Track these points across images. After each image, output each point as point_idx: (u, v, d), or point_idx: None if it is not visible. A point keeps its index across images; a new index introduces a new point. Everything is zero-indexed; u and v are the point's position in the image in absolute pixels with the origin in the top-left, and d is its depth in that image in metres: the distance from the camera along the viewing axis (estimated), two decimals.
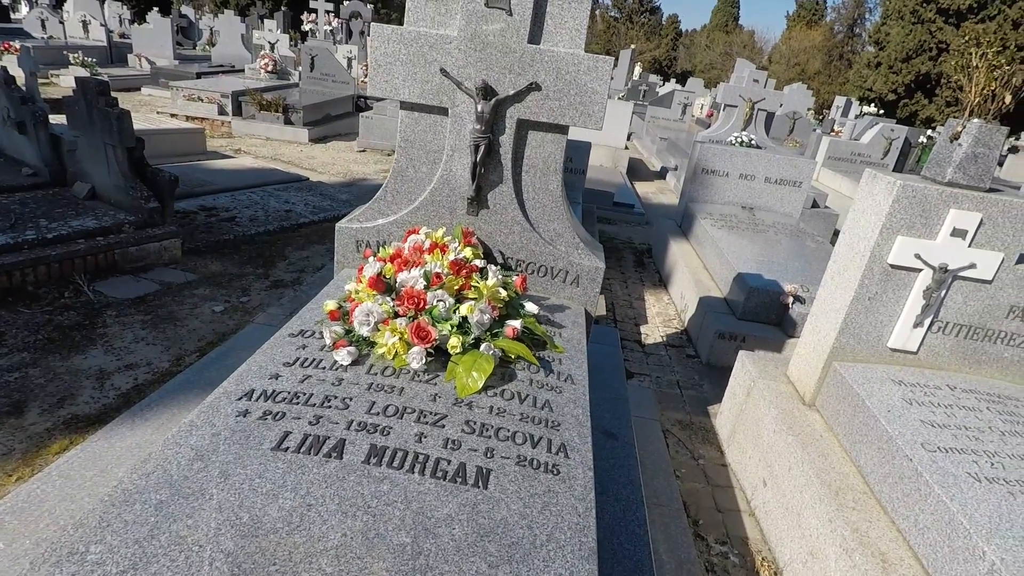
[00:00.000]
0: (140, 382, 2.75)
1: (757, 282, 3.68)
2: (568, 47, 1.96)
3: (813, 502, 2.00)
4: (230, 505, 1.15)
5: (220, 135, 8.56)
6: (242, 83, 10.13)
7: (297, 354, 1.70)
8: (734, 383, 2.84)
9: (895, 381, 2.24)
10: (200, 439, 1.33)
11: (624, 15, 47.89)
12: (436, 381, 1.63)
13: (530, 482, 1.32)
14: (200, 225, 4.75)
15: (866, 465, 2.05)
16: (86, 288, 3.47)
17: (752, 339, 3.50)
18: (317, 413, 1.44)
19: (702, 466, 2.68)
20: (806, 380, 2.50)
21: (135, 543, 1.06)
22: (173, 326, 3.27)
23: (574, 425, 1.56)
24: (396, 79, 2.02)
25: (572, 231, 2.23)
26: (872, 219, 2.21)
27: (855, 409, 2.16)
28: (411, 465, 1.31)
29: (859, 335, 2.33)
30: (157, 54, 13.67)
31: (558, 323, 2.09)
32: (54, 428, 2.40)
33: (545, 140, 2.10)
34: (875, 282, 2.24)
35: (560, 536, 1.20)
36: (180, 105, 9.13)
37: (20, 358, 2.81)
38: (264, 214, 5.22)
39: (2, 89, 4.51)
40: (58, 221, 3.75)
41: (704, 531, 2.28)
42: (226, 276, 3.98)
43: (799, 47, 37.51)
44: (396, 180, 2.22)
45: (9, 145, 4.78)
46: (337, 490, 1.21)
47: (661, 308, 4.50)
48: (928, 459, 1.82)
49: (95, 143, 4.05)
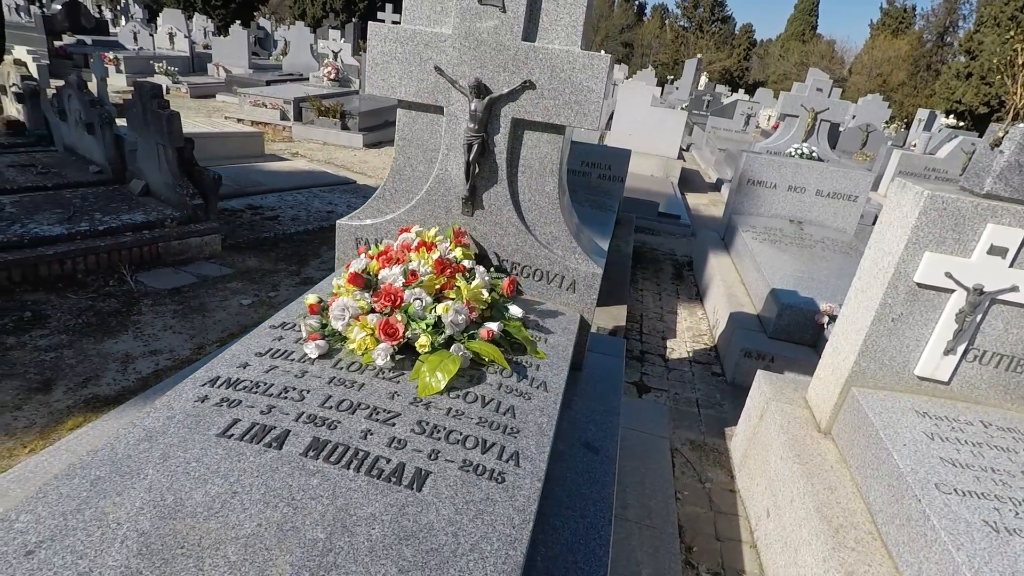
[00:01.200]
0: (160, 367, 2.88)
1: (791, 299, 3.47)
2: (564, 44, 1.91)
3: (810, 538, 1.84)
4: (159, 486, 1.16)
5: (281, 139, 8.95)
6: (305, 90, 10.58)
7: (272, 345, 1.71)
8: (750, 404, 2.68)
9: (919, 413, 2.04)
10: (155, 421, 1.36)
11: (694, 24, 46.97)
12: (400, 379, 1.61)
13: (469, 488, 1.27)
14: (244, 222, 4.96)
15: (875, 503, 1.87)
16: (129, 278, 3.67)
17: (781, 359, 3.29)
18: (271, 403, 1.44)
19: (708, 490, 2.53)
20: (823, 405, 2.32)
21: (60, 515, 1.09)
22: (201, 317, 3.41)
23: (534, 433, 1.49)
24: (393, 78, 2.03)
25: (569, 235, 2.17)
26: (898, 232, 2.03)
27: (869, 440, 1.98)
28: (348, 461, 1.28)
29: (881, 359, 2.14)
30: (234, 63, 14.50)
31: (547, 329, 2.02)
32: (74, 406, 2.53)
33: (541, 140, 2.06)
34: (900, 302, 2.06)
35: (486, 546, 1.14)
36: (246, 110, 9.62)
37: (59, 339, 3.00)
38: (306, 214, 5.39)
39: (76, 93, 4.88)
40: (111, 215, 4.00)
41: (696, 559, 2.15)
42: (260, 272, 4.13)
43: (882, 57, 35.58)
44: (394, 179, 2.23)
45: (80, 145, 5.16)
46: (266, 480, 1.20)
47: (693, 323, 4.33)
48: (940, 501, 1.64)
49: (149, 143, 4.30)
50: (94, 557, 1.01)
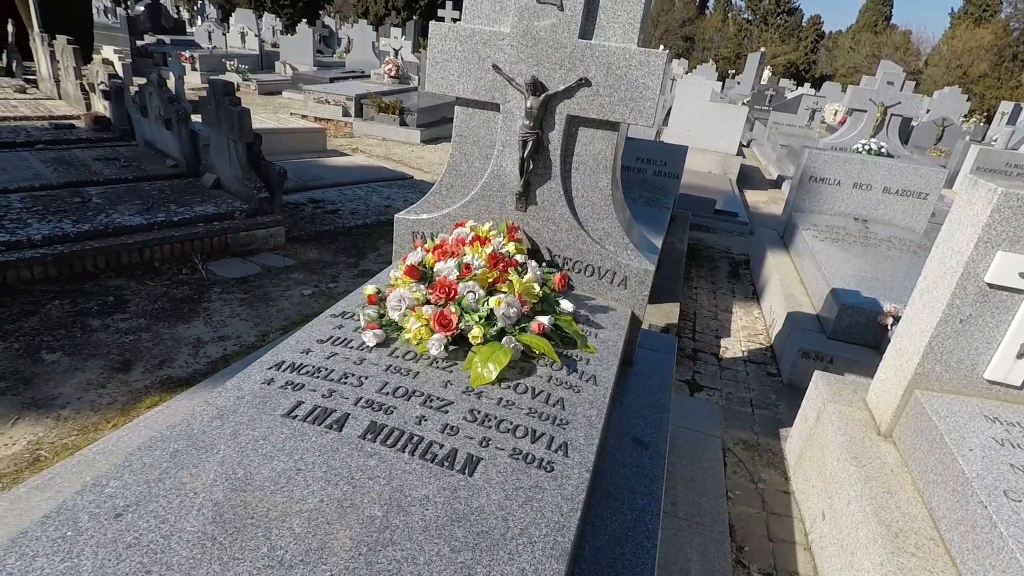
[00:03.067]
0: (228, 352, 3.05)
1: (853, 299, 3.34)
2: (621, 41, 1.91)
3: (867, 541, 1.79)
4: (231, 461, 1.25)
5: (342, 135, 9.23)
6: (366, 87, 10.86)
7: (332, 333, 1.80)
8: (806, 404, 2.61)
9: (988, 417, 1.95)
10: (226, 400, 1.46)
11: (758, 17, 45.36)
12: (453, 369, 1.66)
13: (519, 476, 1.31)
14: (306, 216, 5.16)
15: (938, 508, 1.80)
16: (200, 267, 3.90)
17: (841, 361, 3.18)
18: (332, 387, 1.52)
19: (760, 490, 2.48)
20: (884, 407, 2.24)
21: (145, 483, 1.19)
22: (265, 305, 3.58)
23: (583, 426, 1.52)
24: (452, 76, 2.08)
25: (622, 231, 2.17)
26: (968, 231, 1.93)
27: (932, 444, 1.91)
28: (403, 445, 1.34)
29: (947, 362, 2.05)
30: (300, 61, 15.03)
31: (598, 324, 2.04)
32: (151, 386, 2.72)
33: (595, 137, 2.06)
34: (968, 303, 1.96)
35: (534, 532, 1.17)
36: (310, 107, 9.97)
37: (137, 323, 3.22)
38: (365, 208, 5.56)
39: (156, 91, 5.20)
40: (185, 206, 4.25)
41: (748, 559, 2.12)
42: (320, 263, 4.29)
43: (963, 48, 33.39)
44: (451, 175, 2.28)
45: (159, 140, 5.49)
46: (327, 459, 1.28)
47: (749, 322, 4.23)
48: (1008, 508, 1.57)
49: (221, 138, 4.54)
50: (174, 522, 1.10)
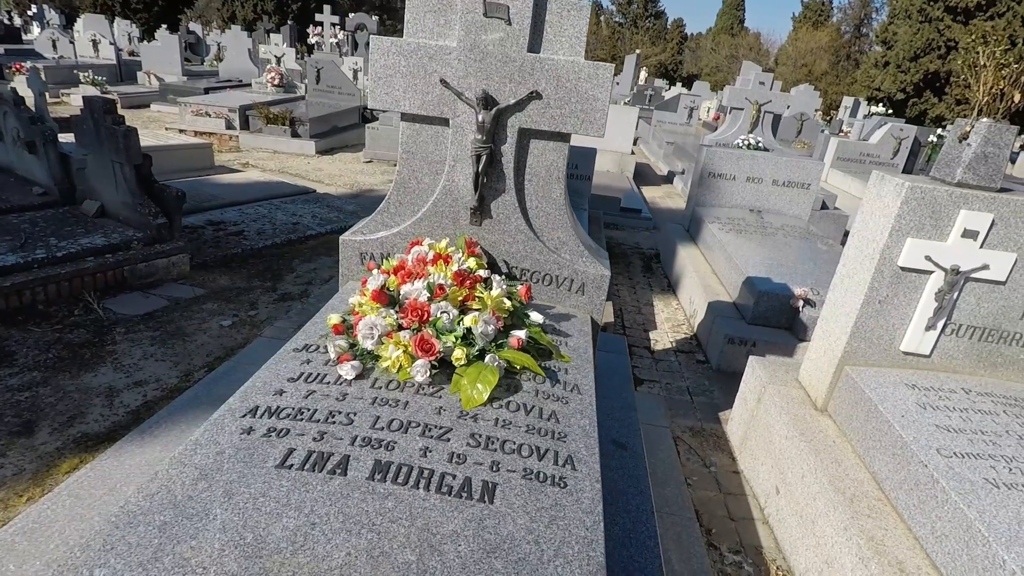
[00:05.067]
0: (149, 399, 2.76)
1: (766, 286, 3.64)
2: (568, 55, 1.96)
3: (827, 510, 1.96)
4: (234, 525, 1.14)
5: (228, 149, 8.63)
6: (249, 97, 10.23)
7: (301, 369, 1.69)
8: (745, 388, 2.81)
9: (908, 385, 2.20)
10: (204, 458, 1.33)
11: (629, 20, 47.97)
12: (441, 394, 1.62)
13: (536, 496, 1.30)
14: (208, 240, 4.78)
15: (880, 471, 2.01)
16: (95, 305, 3.49)
17: (762, 344, 3.46)
18: (321, 429, 1.43)
19: (713, 473, 2.64)
20: (818, 385, 2.46)
21: (139, 566, 1.05)
22: (182, 341, 3.28)
23: (581, 436, 1.54)
24: (396, 91, 2.02)
25: (576, 239, 2.22)
26: (881, 221, 2.18)
27: (868, 414, 2.13)
28: (416, 480, 1.29)
29: (870, 339, 2.30)
30: (166, 71, 13.84)
31: (564, 332, 2.07)
32: (64, 447, 2.41)
33: (547, 148, 2.10)
34: (886, 285, 2.21)
35: (568, 551, 1.18)
36: (188, 120, 9.23)
37: (31, 377, 2.83)
38: (271, 227, 5.25)
39: (12, 110, 4.58)
40: (67, 239, 3.79)
41: (717, 540, 2.25)
42: (234, 290, 4.00)
43: (805, 48, 37.37)
44: (399, 191, 2.22)
45: (20, 165, 4.84)
46: (341, 507, 1.20)
47: (670, 314, 4.47)
48: (944, 465, 1.79)
49: (103, 161, 4.09)
50: None
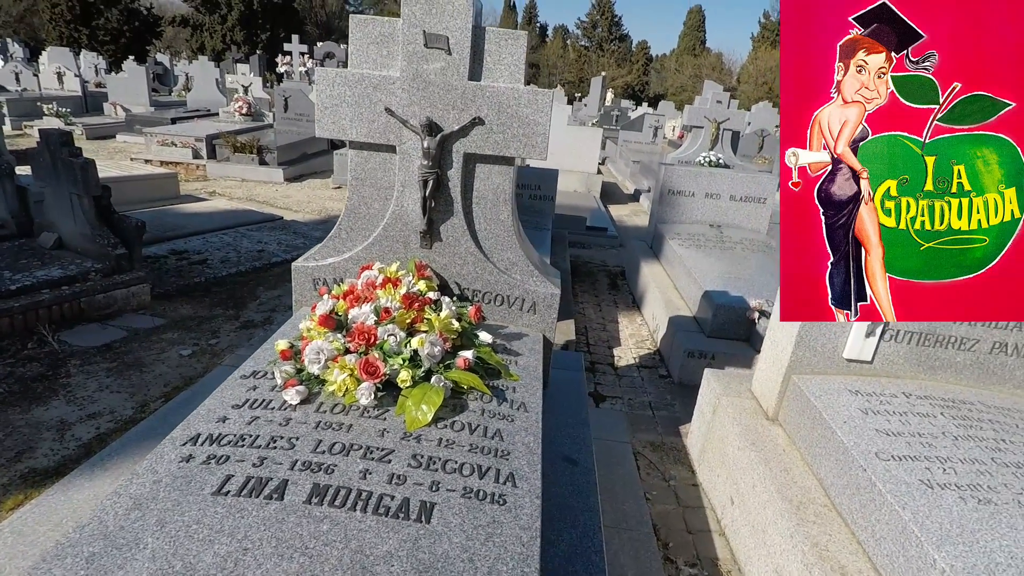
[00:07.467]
0: (103, 431, 2.71)
1: (723, 299, 3.73)
2: (508, 82, 2.02)
3: (775, 518, 2.00)
4: (164, 554, 1.14)
5: (195, 179, 8.58)
6: (217, 126, 10.20)
7: (248, 395, 1.69)
8: (701, 401, 2.86)
9: (852, 392, 2.27)
10: (140, 487, 1.32)
11: (594, 43, 49.05)
12: (386, 416, 1.64)
13: (475, 514, 1.32)
14: (171, 269, 4.73)
15: (826, 478, 2.07)
16: (50, 338, 3.43)
17: (721, 356, 3.53)
18: (262, 455, 1.43)
19: (673, 487, 2.67)
20: (768, 395, 2.52)
21: None
22: (139, 372, 3.23)
23: (524, 453, 1.56)
24: (343, 120, 2.07)
25: (526, 259, 2.26)
26: None
27: (814, 422, 2.19)
28: (353, 503, 1.30)
29: (814, 347, 2.37)
30: (133, 101, 13.74)
31: (515, 351, 2.10)
32: (10, 483, 2.35)
33: (492, 172, 2.15)
34: None
35: (501, 567, 1.19)
36: (154, 150, 9.16)
37: None
38: (236, 255, 5.21)
39: None
40: (22, 272, 3.73)
41: (674, 554, 2.27)
42: (195, 319, 3.96)
43: (765, 66, 38.58)
44: (350, 218, 2.25)
45: None
46: (275, 532, 1.20)
47: (634, 330, 4.53)
48: (882, 468, 1.84)
49: (61, 193, 4.05)
50: None
